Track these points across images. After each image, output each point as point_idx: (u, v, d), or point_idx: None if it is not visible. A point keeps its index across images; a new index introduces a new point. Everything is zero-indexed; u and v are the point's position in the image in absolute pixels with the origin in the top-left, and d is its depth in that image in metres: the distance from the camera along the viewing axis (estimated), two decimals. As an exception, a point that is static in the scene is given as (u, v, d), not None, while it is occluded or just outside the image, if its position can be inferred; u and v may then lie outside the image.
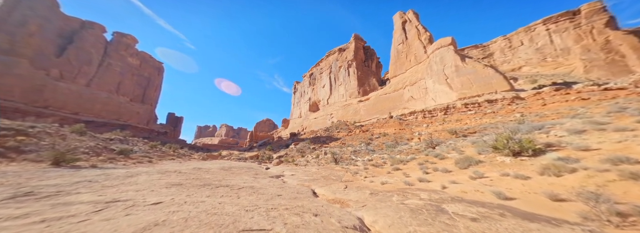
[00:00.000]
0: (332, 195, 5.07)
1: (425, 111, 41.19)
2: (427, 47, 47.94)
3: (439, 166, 6.19)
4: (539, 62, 65.27)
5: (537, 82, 42.53)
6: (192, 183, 5.44)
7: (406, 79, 51.79)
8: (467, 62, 36.51)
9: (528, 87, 38.76)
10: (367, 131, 43.19)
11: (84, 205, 2.44)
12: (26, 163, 7.60)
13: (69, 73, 52.76)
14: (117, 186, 3.90)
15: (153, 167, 9.55)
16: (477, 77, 33.76)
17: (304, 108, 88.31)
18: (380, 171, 8.54)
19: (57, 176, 4.95)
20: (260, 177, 9.04)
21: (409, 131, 34.74)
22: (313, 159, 23.44)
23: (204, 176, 7.20)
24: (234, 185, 5.94)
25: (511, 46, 74.66)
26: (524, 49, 70.97)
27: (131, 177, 5.30)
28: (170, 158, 15.16)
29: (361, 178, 7.52)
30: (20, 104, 39.73)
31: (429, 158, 8.14)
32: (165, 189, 4.06)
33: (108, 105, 56.89)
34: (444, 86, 38.78)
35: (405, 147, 16.69)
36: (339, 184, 6.84)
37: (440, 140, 13.84)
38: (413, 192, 4.20)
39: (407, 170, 7.16)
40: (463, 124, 25.45)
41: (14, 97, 40.13)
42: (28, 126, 10.89)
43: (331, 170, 12.97)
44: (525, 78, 52.31)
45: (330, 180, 8.62)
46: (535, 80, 47.13)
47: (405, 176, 6.20)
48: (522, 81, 48.39)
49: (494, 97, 30.21)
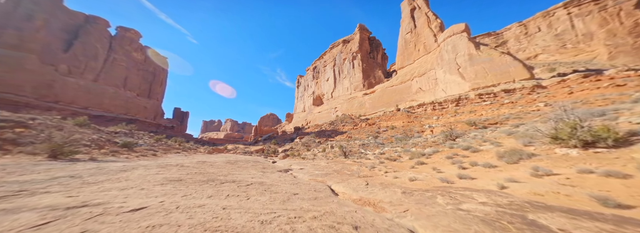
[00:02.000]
0: (355, 194, 4.30)
1: (435, 102, 39.55)
2: (437, 35, 45.26)
3: (478, 161, 5.31)
4: (558, 49, 61.12)
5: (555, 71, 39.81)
6: (194, 178, 4.79)
7: (414, 70, 49.62)
8: (481, 50, 34.20)
9: (545, 76, 36.31)
10: (373, 124, 42.22)
11: (34, 213, 1.73)
12: (21, 155, 7.19)
13: (77, 68, 53.20)
14: (100, 183, 3.24)
15: (155, 160, 9.06)
16: (493, 65, 31.63)
17: (308, 102, 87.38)
18: (400, 165, 7.73)
19: (42, 170, 4.37)
20: (269, 171, 8.41)
21: (418, 124, 33.53)
22: (320, 153, 22.92)
23: (208, 170, 6.58)
24: (241, 180, 5.26)
25: (527, 33, 70.08)
26: (542, 36, 66.51)
27: (125, 171, 4.68)
28: (175, 152, 14.82)
29: (381, 173, 6.73)
30: (31, 99, 40.52)
31: (456, 150, 7.23)
32: (160, 187, 3.37)
33: (116, 100, 57.64)
34: (455, 76, 36.79)
35: (419, 140, 15.73)
36: (357, 180, 6.08)
37: (460, 132, 12.79)
38: (461, 193, 3.36)
39: (435, 165, 6.31)
40: (478, 116, 24.07)
41: (26, 92, 40.88)
42: (28, 118, 10.55)
43: (342, 163, 12.26)
44: (542, 67, 49.18)
45: (345, 174, 7.89)
46: (553, 68, 44.19)
47: (437, 172, 5.37)
48: (539, 70, 45.51)
49: (511, 86, 28.31)
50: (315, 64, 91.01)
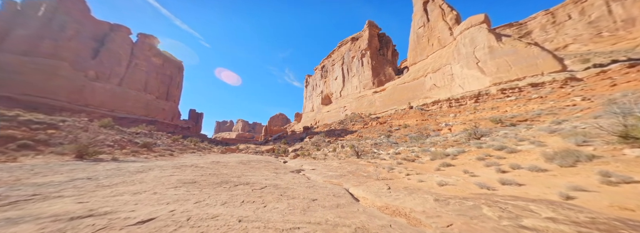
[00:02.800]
0: (378, 200, 3.89)
1: (451, 99, 37.49)
2: (453, 28, 42.76)
3: (519, 163, 4.64)
4: (592, 38, 55.25)
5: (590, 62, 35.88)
6: (208, 180, 4.64)
7: (428, 65, 47.40)
8: (504, 42, 31.69)
9: (578, 67, 32.85)
10: (384, 123, 41.04)
11: (34, 225, 1.56)
12: (52, 155, 7.61)
13: (103, 74, 57.31)
14: (115, 186, 3.15)
15: (171, 161, 9.23)
16: (518, 58, 29.15)
17: (316, 101, 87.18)
18: (422, 167, 7.14)
19: (65, 170, 4.44)
20: (281, 172, 8.20)
21: (434, 122, 31.97)
22: (330, 152, 22.57)
23: (222, 171, 6.49)
24: (255, 182, 5.05)
25: (555, 22, 64.17)
26: (572, 24, 60.51)
27: (141, 173, 4.65)
28: (191, 152, 15.21)
29: (402, 175, 6.22)
30: (65, 103, 44.24)
31: (487, 151, 6.51)
32: (173, 190, 3.21)
33: (138, 102, 61.36)
34: (474, 71, 34.51)
35: (438, 139, 14.78)
36: (376, 183, 5.64)
37: (484, 130, 11.77)
38: (512, 203, 2.83)
39: (465, 167, 5.68)
40: (502, 112, 22.31)
41: (60, 97, 44.72)
42: (59, 120, 11.29)
43: (356, 164, 11.79)
44: (574, 58, 44.71)
45: (361, 176, 7.46)
46: (587, 59, 39.92)
47: (470, 175, 4.78)
48: (569, 62, 41.34)
49: (539, 80, 25.89)
50: (324, 63, 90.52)
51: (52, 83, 44.47)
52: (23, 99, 39.69)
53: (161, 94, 71.16)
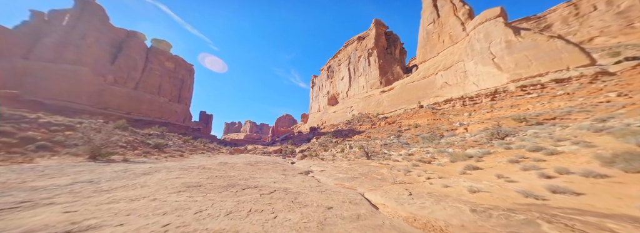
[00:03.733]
0: (401, 209, 3.41)
1: (465, 97, 35.78)
2: (465, 23, 40.94)
3: (567, 167, 3.98)
4: (622, 29, 50.92)
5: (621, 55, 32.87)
6: (214, 183, 4.37)
7: (438, 63, 45.69)
8: (523, 36, 29.78)
9: (607, 61, 30.17)
10: (393, 122, 39.95)
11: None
12: (67, 156, 7.75)
13: (121, 78, 60.26)
14: (114, 190, 2.92)
15: (180, 162, 9.16)
16: (539, 52, 27.25)
17: (323, 101, 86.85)
18: (443, 169, 6.53)
19: (72, 172, 4.34)
20: (290, 174, 7.87)
21: (446, 122, 30.60)
22: (338, 153, 22.09)
23: (229, 173, 6.24)
24: (263, 185, 4.73)
25: (578, 13, 59.89)
26: (599, 16, 56.15)
27: (147, 175, 4.47)
28: (200, 152, 15.30)
29: (421, 179, 5.67)
30: (86, 106, 46.81)
31: (519, 152, 5.80)
32: (175, 195, 2.93)
33: (152, 105, 63.91)
34: (489, 67, 32.72)
35: (454, 139, 13.90)
36: (394, 187, 5.14)
37: (508, 129, 10.84)
38: (579, 219, 2.28)
39: (496, 170, 5.05)
40: (523, 111, 20.82)
41: (82, 100, 47.41)
42: (77, 122, 11.68)
43: (367, 166, 11.25)
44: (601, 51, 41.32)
45: (375, 179, 6.96)
46: (617, 52, 36.67)
47: (505, 180, 4.17)
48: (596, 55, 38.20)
49: (565, 75, 23.95)
50: (330, 63, 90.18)
51: (75, 88, 47.25)
52: (49, 103, 42.44)
53: (173, 96, 73.78)
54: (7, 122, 9.14)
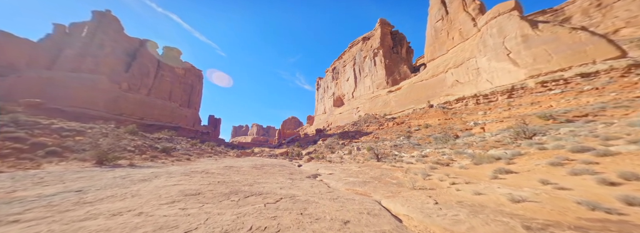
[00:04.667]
0: (431, 222, 2.85)
1: (478, 95, 34.14)
2: (477, 18, 39.40)
3: (635, 171, 3.25)
4: (652, 19, 47.15)
5: (654, 47, 30.17)
6: (215, 190, 3.98)
7: (448, 60, 44.13)
8: (541, 29, 28.07)
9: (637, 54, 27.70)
10: (402, 123, 38.76)
11: None
12: (74, 162, 7.72)
13: (135, 85, 62.88)
14: (98, 202, 2.58)
15: (185, 166, 8.94)
16: (560, 45, 25.49)
17: (328, 103, 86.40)
18: (469, 173, 5.82)
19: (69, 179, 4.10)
20: (297, 178, 7.40)
21: (459, 121, 29.21)
22: (346, 155, 21.45)
23: (233, 177, 5.87)
24: (268, 192, 4.29)
25: (601, 4, 56.27)
26: (624, 5, 52.43)
27: (144, 181, 4.16)
28: (207, 156, 15.20)
29: (445, 184, 5.02)
30: (103, 113, 48.99)
31: (559, 153, 5.03)
32: (166, 207, 2.54)
33: (164, 110, 66.08)
34: (505, 63, 31.05)
35: (472, 139, 12.93)
36: (414, 194, 4.54)
37: (534, 128, 9.84)
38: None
39: (534, 174, 4.33)
40: (546, 108, 19.34)
41: (99, 107, 49.71)
42: (88, 127, 11.90)
43: (378, 168, 10.58)
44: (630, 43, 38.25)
45: (389, 184, 6.34)
46: (649, 44, 33.81)
47: (554, 187, 3.49)
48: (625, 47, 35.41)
49: (591, 69, 22.13)
50: (335, 65, 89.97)
51: (93, 95, 49.69)
52: (69, 110, 44.79)
53: (183, 102, 76.03)
54: (22, 128, 9.36)
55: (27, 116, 10.86)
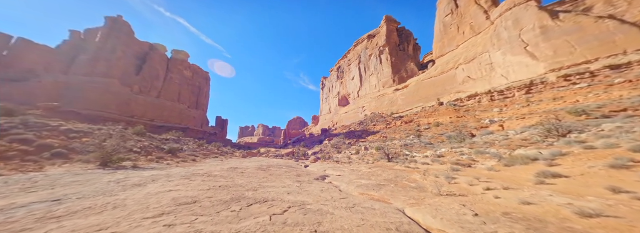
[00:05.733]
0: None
1: (492, 92, 32.50)
2: (489, 11, 37.51)
3: None
4: (687, 6, 43.40)
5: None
6: (214, 197, 3.51)
7: (459, 56, 42.35)
8: (562, 19, 26.20)
9: None
10: (410, 121, 37.59)
11: None
12: (78, 164, 7.56)
13: (145, 88, 64.66)
14: (69, 216, 2.17)
15: (190, 167, 8.62)
16: (585, 36, 23.65)
17: (333, 103, 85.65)
18: (500, 176, 5.08)
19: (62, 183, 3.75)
20: (305, 181, 6.87)
21: (473, 119, 27.85)
22: (353, 155, 20.78)
23: (237, 180, 5.41)
24: (274, 199, 3.77)
25: (626, -9, 52.42)
26: (653, -8, 48.59)
27: (137, 187, 3.75)
28: (214, 156, 14.98)
29: (477, 189, 4.33)
30: (115, 115, 50.59)
31: (614, 152, 4.23)
32: (148, 223, 2.07)
33: (173, 112, 67.61)
34: (521, 57, 29.30)
35: (492, 137, 11.95)
36: (442, 201, 3.90)
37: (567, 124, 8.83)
38: None
39: (596, 179, 3.59)
40: (570, 103, 17.85)
41: (111, 109, 51.38)
42: (96, 129, 11.91)
43: (391, 170, 9.89)
44: (663, 32, 35.25)
45: (408, 188, 5.69)
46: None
47: (631, 197, 2.76)
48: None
49: (621, 60, 20.32)
50: (339, 64, 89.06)
51: (105, 98, 51.41)
52: (84, 113, 46.51)
53: (191, 103, 77.55)
54: (30, 130, 9.38)
55: (36, 117, 10.98)
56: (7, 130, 8.52)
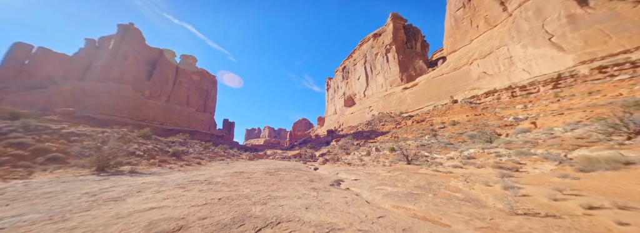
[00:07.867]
0: None
1: (513, 87, 30.28)
2: (506, 2, 35.30)
3: None
4: None
5: None
6: (210, 216, 2.56)
7: (473, 51, 40.14)
8: (592, 7, 23.89)
9: None
10: (422, 121, 35.70)
11: None
12: (73, 169, 6.93)
13: (155, 92, 66.30)
14: None
15: (192, 171, 7.80)
16: (622, 23, 21.31)
17: (339, 103, 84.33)
18: (590, 187, 3.82)
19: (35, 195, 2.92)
20: (321, 188, 5.82)
21: (493, 117, 25.82)
22: (365, 156, 19.48)
23: (242, 189, 4.46)
24: (290, 218, 2.78)
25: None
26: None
27: (112, 203, 2.88)
28: (220, 159, 14.26)
29: (569, 206, 3.13)
30: (127, 119, 51.89)
31: None
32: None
33: (182, 115, 68.81)
34: (546, 49, 27.03)
35: (532, 135, 10.43)
36: (526, 225, 2.75)
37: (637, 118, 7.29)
38: None
39: None
40: (611, 97, 15.82)
41: (124, 114, 52.76)
42: (99, 131, 11.49)
43: (416, 174, 8.64)
44: None
45: (453, 199, 4.53)
46: None
47: None
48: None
49: (669, 48, 17.97)
50: (344, 64, 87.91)
51: (118, 103, 52.89)
52: (99, 117, 47.96)
53: (199, 106, 78.82)
54: (30, 133, 8.97)
55: (38, 120, 10.69)
56: (6, 134, 8.11)
